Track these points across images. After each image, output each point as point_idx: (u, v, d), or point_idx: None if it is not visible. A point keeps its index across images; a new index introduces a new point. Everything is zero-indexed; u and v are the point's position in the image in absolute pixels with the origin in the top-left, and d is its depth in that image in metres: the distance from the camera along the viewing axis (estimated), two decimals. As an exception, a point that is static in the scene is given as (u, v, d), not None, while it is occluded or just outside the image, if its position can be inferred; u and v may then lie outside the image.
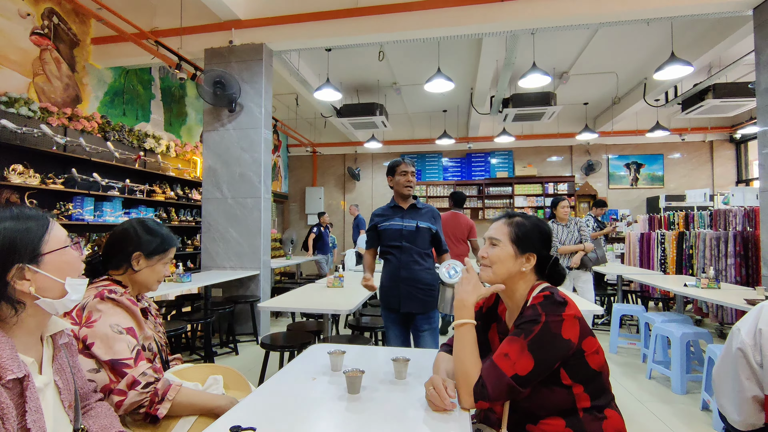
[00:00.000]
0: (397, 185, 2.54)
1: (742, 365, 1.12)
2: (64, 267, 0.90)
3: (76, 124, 4.44)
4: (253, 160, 4.58)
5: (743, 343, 1.12)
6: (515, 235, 1.28)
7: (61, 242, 0.91)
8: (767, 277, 3.75)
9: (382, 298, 2.56)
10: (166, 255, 1.45)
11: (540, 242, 1.30)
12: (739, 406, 1.14)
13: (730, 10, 3.97)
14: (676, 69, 4.51)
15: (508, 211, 1.48)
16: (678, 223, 5.82)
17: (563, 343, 1.11)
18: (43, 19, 4.32)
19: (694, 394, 3.08)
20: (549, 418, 1.15)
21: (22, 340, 0.86)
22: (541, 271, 1.30)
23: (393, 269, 2.49)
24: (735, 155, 8.91)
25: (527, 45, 5.14)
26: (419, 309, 2.45)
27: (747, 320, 1.16)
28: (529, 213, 1.40)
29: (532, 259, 1.28)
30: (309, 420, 1.08)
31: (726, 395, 1.19)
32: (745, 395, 1.12)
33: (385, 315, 2.57)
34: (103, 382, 1.18)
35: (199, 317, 3.58)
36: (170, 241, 1.46)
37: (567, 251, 4.30)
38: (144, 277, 1.41)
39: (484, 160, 9.79)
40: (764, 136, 3.82)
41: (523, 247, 1.27)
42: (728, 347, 1.20)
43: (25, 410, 0.78)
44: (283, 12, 4.55)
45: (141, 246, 1.39)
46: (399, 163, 2.55)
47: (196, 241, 6.11)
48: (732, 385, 1.16)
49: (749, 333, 1.12)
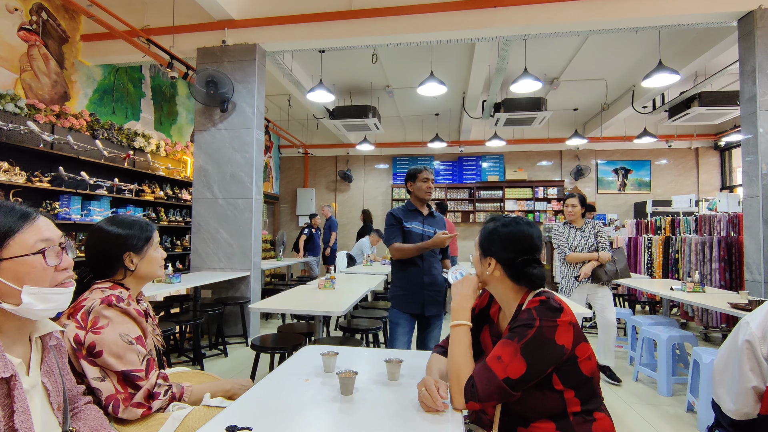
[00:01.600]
0: (418, 191, 2.66)
1: (748, 356, 1.16)
2: (23, 277, 0.81)
3: (64, 121, 4.37)
4: (244, 160, 4.55)
5: (752, 335, 1.16)
6: (480, 240, 1.32)
7: (25, 248, 0.82)
8: (750, 281, 3.83)
9: (401, 302, 2.61)
10: (153, 240, 1.40)
11: (500, 247, 1.25)
12: (736, 396, 1.18)
13: (715, 21, 4.07)
14: (664, 77, 4.61)
15: (493, 214, 1.49)
16: (664, 228, 5.93)
17: (557, 349, 1.12)
18: (31, 14, 4.25)
19: (680, 396, 3.13)
20: (539, 421, 1.16)
21: (9, 340, 0.84)
22: (517, 277, 1.25)
23: (416, 275, 2.58)
24: (719, 162, 9.11)
25: (519, 51, 5.21)
26: (440, 311, 2.64)
27: (758, 314, 1.20)
28: (519, 216, 1.40)
29: (492, 263, 1.26)
30: (302, 421, 1.08)
31: (725, 385, 1.23)
32: (746, 385, 1.16)
33: (397, 316, 2.61)
34: (109, 391, 1.16)
35: (188, 319, 3.54)
36: (147, 226, 1.40)
37: (577, 259, 3.49)
38: (144, 271, 1.37)
39: (476, 164, 9.86)
40: (747, 144, 3.92)
41: (484, 251, 1.30)
42: (734, 339, 1.23)
43: (12, 410, 0.76)
44: (277, 13, 4.54)
45: (126, 245, 1.34)
46: (421, 170, 2.66)
47: (185, 241, 6.05)
48: (733, 375, 1.20)
49: (759, 326, 1.16)
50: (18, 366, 0.81)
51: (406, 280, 2.60)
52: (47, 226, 0.88)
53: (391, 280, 2.73)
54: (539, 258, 1.27)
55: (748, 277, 3.87)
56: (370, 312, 3.61)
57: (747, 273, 3.90)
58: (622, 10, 4.04)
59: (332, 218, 7.65)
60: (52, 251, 0.86)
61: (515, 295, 1.27)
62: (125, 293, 1.31)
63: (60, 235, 0.91)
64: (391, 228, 2.64)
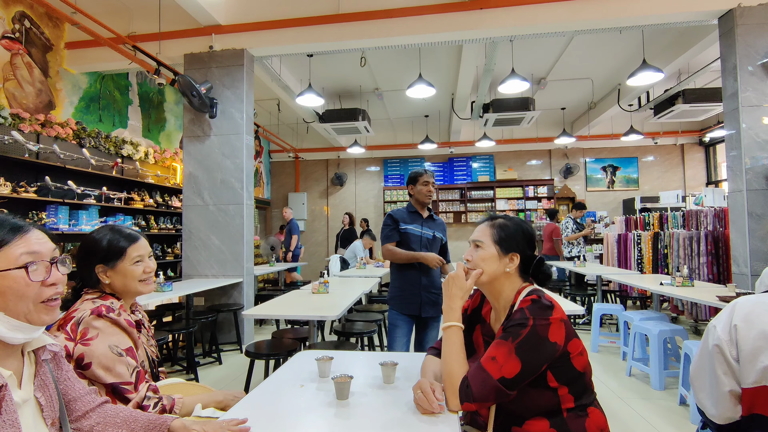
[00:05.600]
0: (419, 194, 2.69)
1: (719, 361, 1.16)
2: (5, 291, 0.79)
3: (50, 130, 4.30)
4: (234, 166, 4.52)
5: (719, 339, 1.16)
6: (498, 237, 1.30)
7: (9, 262, 0.79)
8: (737, 274, 3.90)
9: (399, 304, 2.63)
10: (127, 254, 1.30)
11: (524, 242, 1.32)
12: (716, 401, 1.17)
13: (696, 20, 4.15)
14: (648, 75, 4.68)
15: (491, 213, 1.49)
16: (653, 223, 6.01)
17: (550, 346, 1.13)
18: (14, 22, 4.19)
19: (672, 390, 3.18)
20: (533, 419, 1.17)
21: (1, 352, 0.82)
22: (525, 272, 1.32)
23: (414, 277, 2.60)
24: (704, 158, 9.27)
25: (506, 52, 5.26)
26: (437, 313, 2.64)
27: (722, 317, 1.20)
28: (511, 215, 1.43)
29: (515, 259, 1.29)
30: (299, 427, 1.08)
31: (704, 390, 1.22)
32: (722, 390, 1.15)
33: (395, 317, 2.63)
34: None
35: (181, 327, 3.50)
36: (116, 241, 1.31)
37: None
38: (119, 285, 1.30)
39: (466, 165, 9.92)
40: (731, 140, 3.99)
41: (507, 247, 1.29)
42: (704, 344, 1.23)
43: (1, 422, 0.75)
44: (264, 17, 4.53)
45: (97, 257, 1.28)
46: (422, 174, 2.70)
47: (176, 249, 5.99)
48: (709, 381, 1.20)
49: (725, 329, 1.16)
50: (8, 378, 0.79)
51: (404, 282, 2.62)
52: (38, 240, 0.86)
53: (390, 281, 2.74)
54: None
55: (735, 270, 3.94)
56: (364, 315, 3.61)
57: (734, 266, 3.97)
58: (606, 10, 4.10)
59: (293, 221, 7.55)
60: (40, 266, 0.83)
61: (512, 294, 1.28)
62: (116, 303, 1.29)
63: (52, 248, 0.88)
64: (386, 228, 2.67)
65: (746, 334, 1.11)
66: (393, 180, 10.17)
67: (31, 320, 0.82)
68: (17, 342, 0.83)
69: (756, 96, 3.83)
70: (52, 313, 0.86)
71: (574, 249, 6.36)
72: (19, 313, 0.81)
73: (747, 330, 1.11)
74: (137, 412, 1.07)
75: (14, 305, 0.80)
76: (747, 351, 1.10)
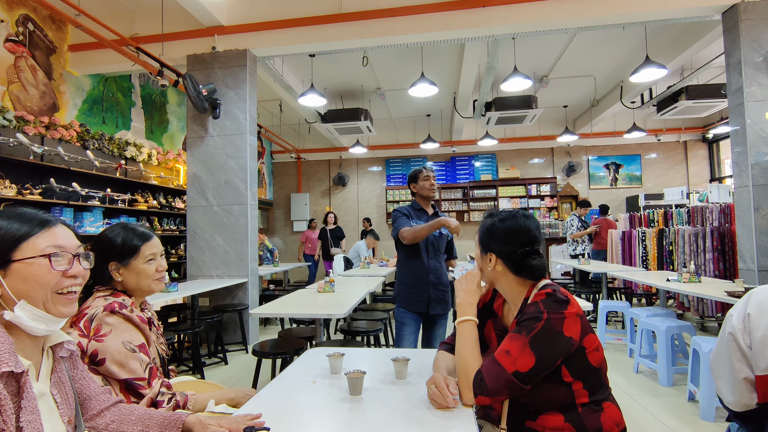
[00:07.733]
0: (422, 189, 2.67)
1: (734, 348, 1.19)
2: (29, 278, 0.80)
3: (54, 132, 4.31)
4: (238, 166, 4.53)
5: (734, 328, 1.19)
6: (479, 237, 1.32)
7: (36, 251, 0.81)
8: (744, 270, 3.88)
9: (405, 301, 2.60)
10: (140, 253, 1.32)
11: (500, 242, 1.25)
12: (733, 388, 1.21)
13: (699, 15, 4.14)
14: (651, 72, 4.67)
15: (491, 210, 1.46)
16: (657, 220, 5.99)
17: (565, 341, 1.12)
18: (17, 25, 4.20)
19: (680, 386, 3.16)
20: (548, 414, 1.16)
21: (22, 343, 0.82)
22: (518, 269, 1.25)
23: (421, 274, 2.58)
24: (708, 154, 9.23)
25: (508, 50, 5.25)
26: (445, 310, 2.64)
27: (738, 306, 1.23)
28: (516, 210, 1.38)
29: (493, 259, 1.27)
30: (314, 422, 1.08)
31: (722, 378, 1.25)
32: (738, 377, 1.18)
33: (403, 315, 2.60)
34: None
35: (186, 327, 3.50)
36: (130, 239, 1.32)
37: None
38: (131, 284, 1.32)
39: (468, 164, 9.90)
40: (736, 135, 3.98)
41: (484, 247, 1.30)
42: (722, 332, 1.26)
43: (20, 407, 0.74)
44: (267, 18, 4.53)
45: (110, 254, 1.30)
46: (420, 171, 2.69)
47: (180, 250, 5.99)
48: (726, 368, 1.23)
49: (739, 318, 1.19)
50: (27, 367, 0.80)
51: (411, 279, 2.60)
52: (64, 235, 0.88)
53: (396, 278, 2.72)
54: (538, 249, 1.26)
55: (742, 265, 3.92)
56: (369, 314, 3.60)
57: (740, 262, 3.95)
58: (608, 6, 4.09)
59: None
60: (63, 257, 0.85)
61: (520, 289, 1.27)
62: (128, 300, 1.29)
63: (77, 245, 0.89)
64: (399, 216, 2.61)
65: (759, 322, 1.14)
66: (395, 180, 10.16)
67: (48, 309, 0.83)
68: (38, 333, 0.83)
69: (761, 91, 3.82)
70: (69, 306, 0.87)
71: (579, 247, 6.34)
72: (38, 300, 0.82)
73: (759, 318, 1.14)
74: (151, 410, 1.07)
75: (35, 292, 0.82)
76: (759, 338, 1.12)
